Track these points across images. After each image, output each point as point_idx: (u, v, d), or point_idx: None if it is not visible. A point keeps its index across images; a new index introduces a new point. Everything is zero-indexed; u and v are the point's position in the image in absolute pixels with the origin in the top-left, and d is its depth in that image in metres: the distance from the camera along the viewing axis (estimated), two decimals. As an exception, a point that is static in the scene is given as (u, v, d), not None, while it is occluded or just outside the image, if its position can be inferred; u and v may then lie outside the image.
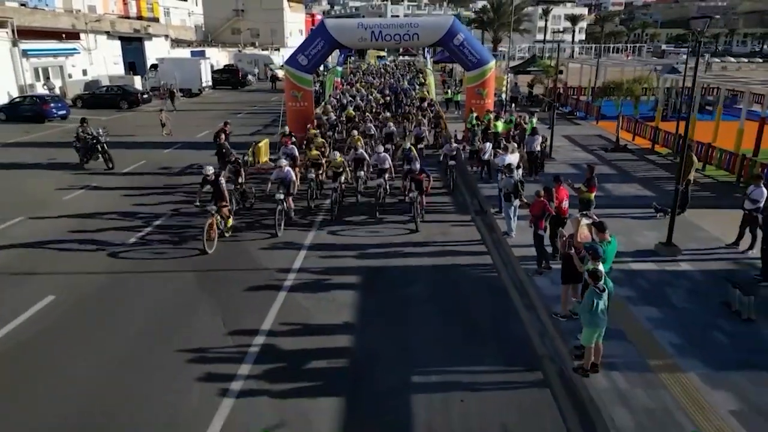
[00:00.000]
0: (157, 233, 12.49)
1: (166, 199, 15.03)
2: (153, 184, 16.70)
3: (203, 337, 8.17)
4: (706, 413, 6.27)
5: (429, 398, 6.74)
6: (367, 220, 13.51)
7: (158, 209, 14.15)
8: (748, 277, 9.65)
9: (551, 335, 8.06)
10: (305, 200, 14.28)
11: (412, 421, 6.37)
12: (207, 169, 11.63)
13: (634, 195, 15.29)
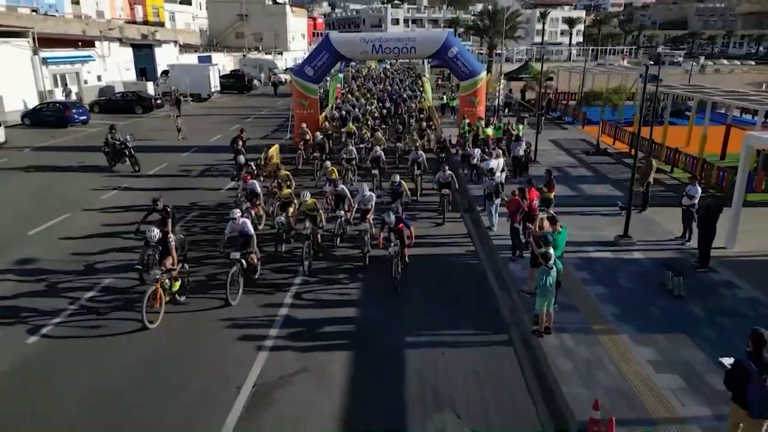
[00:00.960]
0: (184, 228, 14.43)
1: (191, 197, 16.99)
2: (177, 185, 18.67)
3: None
4: (629, 362, 8.21)
5: (419, 353, 8.69)
6: (349, 276, 11.62)
7: (187, 203, 16.15)
8: (688, 264, 11.60)
9: (518, 308, 10.01)
10: (278, 243, 12.75)
11: (406, 368, 8.32)
12: (151, 230, 9.88)
13: (606, 195, 17.23)
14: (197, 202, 16.64)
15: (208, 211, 15.89)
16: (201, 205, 16.37)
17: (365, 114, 26.95)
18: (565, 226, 9.78)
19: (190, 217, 15.30)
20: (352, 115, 26.45)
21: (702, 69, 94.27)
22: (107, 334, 9.31)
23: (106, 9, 77.20)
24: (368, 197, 12.97)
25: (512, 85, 39.81)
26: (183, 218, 15.07)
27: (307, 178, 19.00)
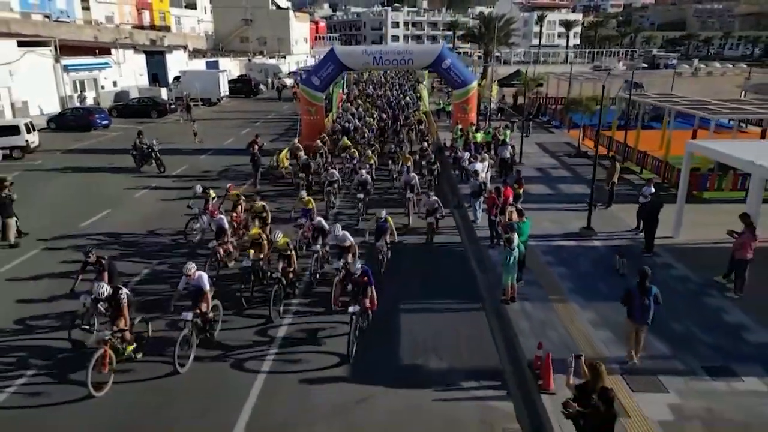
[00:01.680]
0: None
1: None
2: (201, 184, 20.98)
3: None
4: (573, 323, 10.52)
5: (411, 317, 11.02)
6: (323, 326, 10.65)
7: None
8: (637, 250, 13.91)
9: (492, 285, 12.32)
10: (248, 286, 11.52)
11: (400, 328, 10.64)
12: (100, 286, 8.86)
13: (580, 193, 19.46)
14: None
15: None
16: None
17: (361, 127, 26.92)
18: (528, 218, 12.13)
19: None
20: (352, 125, 27.15)
21: (696, 71, 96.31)
22: (50, 403, 8.40)
23: (115, 14, 79.58)
24: (342, 236, 11.93)
25: (505, 90, 42.10)
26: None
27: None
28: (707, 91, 62.19)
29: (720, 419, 7.81)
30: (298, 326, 10.69)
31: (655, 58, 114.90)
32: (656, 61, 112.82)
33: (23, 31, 52.29)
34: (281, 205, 17.61)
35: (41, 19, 66.12)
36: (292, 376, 9.10)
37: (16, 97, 34.02)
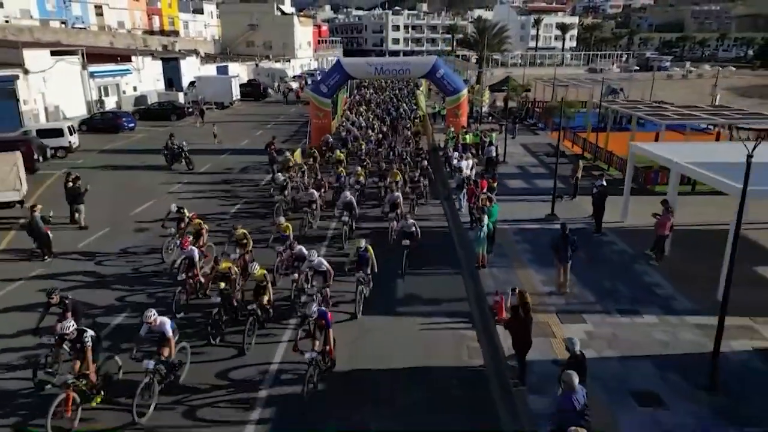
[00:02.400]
0: (245, 208, 20.03)
1: (236, 191, 22.62)
2: (226, 179, 24.32)
3: None
4: (530, 281, 13.80)
5: (405, 280, 14.32)
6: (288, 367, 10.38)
7: (238, 194, 21.77)
8: (589, 231, 17.18)
9: (469, 256, 15.61)
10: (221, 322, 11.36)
11: (398, 291, 13.94)
12: (64, 326, 8.83)
13: (551, 187, 22.75)
14: (241, 195, 22.20)
15: (252, 200, 21.47)
16: (245, 197, 21.92)
17: (356, 139, 27.37)
18: (496, 204, 15.41)
19: (236, 208, 20.81)
20: (352, 135, 28.01)
21: (686, 74, 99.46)
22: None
23: (126, 19, 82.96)
24: (317, 262, 12.01)
25: (496, 95, 45.39)
26: (233, 208, 20.68)
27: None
28: (691, 94, 65.43)
29: (619, 339, 11.13)
30: (261, 367, 10.37)
31: (648, 60, 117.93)
32: (650, 64, 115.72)
33: (44, 38, 55.72)
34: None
35: (59, 25, 69.59)
36: (251, 427, 8.87)
37: (49, 102, 37.32)
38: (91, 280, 14.17)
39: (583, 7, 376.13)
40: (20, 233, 16.47)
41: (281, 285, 13.40)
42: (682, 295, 12.99)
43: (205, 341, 11.02)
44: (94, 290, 13.50)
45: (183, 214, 15.41)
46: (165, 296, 12.99)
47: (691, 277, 13.71)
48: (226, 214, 19.50)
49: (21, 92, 34.99)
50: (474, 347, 11.11)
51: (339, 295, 13.00)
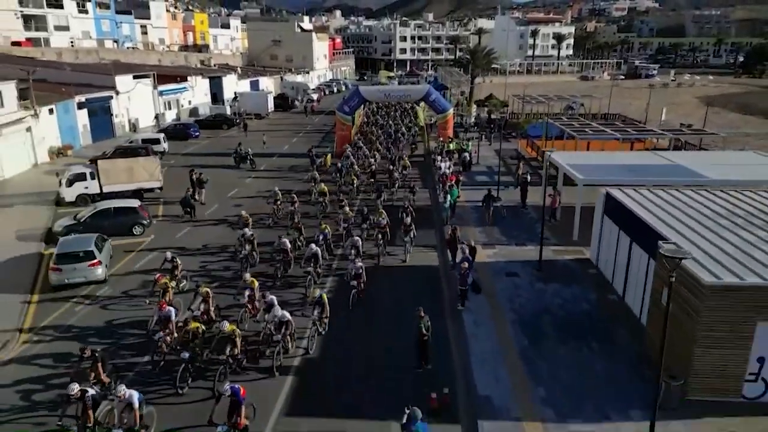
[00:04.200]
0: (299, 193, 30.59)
1: (290, 185, 33.18)
2: (282, 175, 34.92)
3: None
4: (474, 237, 24.28)
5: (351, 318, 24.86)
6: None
7: (296, 186, 32.36)
8: (519, 208, 27.59)
9: (439, 220, 26.07)
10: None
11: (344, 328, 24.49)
12: (71, 388, 10.77)
13: (504, 181, 33.13)
14: (294, 189, 32.75)
15: (302, 189, 31.97)
16: (296, 187, 32.45)
17: (350, 167, 31.35)
18: (455, 189, 25.93)
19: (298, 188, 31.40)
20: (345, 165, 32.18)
21: (669, 83, 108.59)
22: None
23: (166, 37, 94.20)
24: (281, 315, 14.26)
25: (481, 110, 55.70)
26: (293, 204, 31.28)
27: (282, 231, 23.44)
28: (661, 102, 74.42)
29: (509, 254, 21.58)
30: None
31: (637, 68, 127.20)
32: (638, 72, 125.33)
33: (107, 57, 66.74)
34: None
35: (112, 44, 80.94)
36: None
37: (131, 115, 48.24)
38: (218, 229, 24.84)
39: (589, 10, 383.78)
40: (167, 204, 27.22)
41: (249, 328, 15.86)
42: (554, 237, 23.36)
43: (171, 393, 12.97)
44: (215, 229, 24.16)
45: (175, 263, 17.71)
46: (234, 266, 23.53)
47: (563, 229, 24.11)
48: (288, 193, 30.06)
49: (114, 109, 46.01)
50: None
51: (300, 331, 15.61)
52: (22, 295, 18.03)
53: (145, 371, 14.00)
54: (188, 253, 21.83)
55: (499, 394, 12.98)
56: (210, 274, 20.02)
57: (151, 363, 14.07)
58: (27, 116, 35.00)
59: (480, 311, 17.08)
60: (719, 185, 20.69)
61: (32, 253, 21.53)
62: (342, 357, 14.90)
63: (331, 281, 19.65)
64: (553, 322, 16.43)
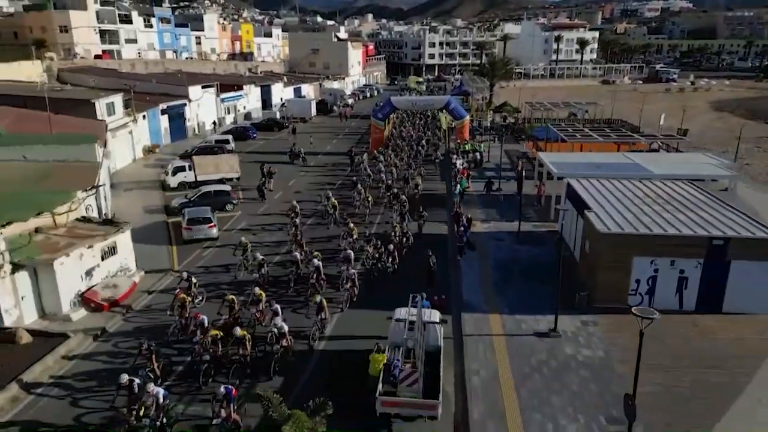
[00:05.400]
0: (344, 182, 38.99)
1: (335, 179, 41.61)
2: (327, 172, 43.47)
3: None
4: (473, 210, 32.30)
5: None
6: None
7: (338, 177, 40.80)
8: (516, 195, 35.45)
9: (451, 204, 34.14)
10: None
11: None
12: (122, 378, 13.99)
13: (507, 175, 40.88)
14: (339, 177, 41.19)
15: (345, 180, 40.28)
16: (341, 179, 40.85)
17: (364, 189, 33.31)
18: (464, 180, 33.93)
19: (338, 183, 39.83)
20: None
21: (685, 87, 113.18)
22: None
23: (217, 46, 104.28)
24: (280, 326, 16.84)
25: (497, 115, 63.29)
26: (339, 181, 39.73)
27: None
28: (673, 107, 79.82)
29: (498, 226, 29.53)
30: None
31: (658, 72, 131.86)
32: (659, 76, 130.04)
33: (170, 66, 76.58)
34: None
35: (172, 54, 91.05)
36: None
37: (200, 120, 57.59)
38: (269, 214, 33.43)
39: (621, 11, 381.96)
40: (244, 191, 36.02)
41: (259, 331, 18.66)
42: (537, 216, 31.17)
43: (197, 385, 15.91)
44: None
45: (192, 281, 20.17)
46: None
47: (544, 210, 31.88)
48: (333, 184, 38.50)
49: (186, 114, 55.43)
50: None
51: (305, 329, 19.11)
52: (165, 246, 26.93)
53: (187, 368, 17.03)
54: (267, 223, 30.56)
55: (476, 301, 21.07)
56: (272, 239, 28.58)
57: (191, 362, 16.80)
58: (129, 121, 44.44)
59: (472, 260, 25.12)
60: (657, 178, 28.16)
61: (160, 221, 30.51)
62: (379, 276, 23.06)
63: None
64: (519, 267, 24.34)
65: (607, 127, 48.69)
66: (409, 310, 16.42)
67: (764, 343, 18.17)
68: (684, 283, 20.01)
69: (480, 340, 18.48)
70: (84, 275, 20.47)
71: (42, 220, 20.91)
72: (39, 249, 19.66)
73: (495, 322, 19.68)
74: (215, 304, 19.96)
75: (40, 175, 24.76)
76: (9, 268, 18.29)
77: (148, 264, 24.25)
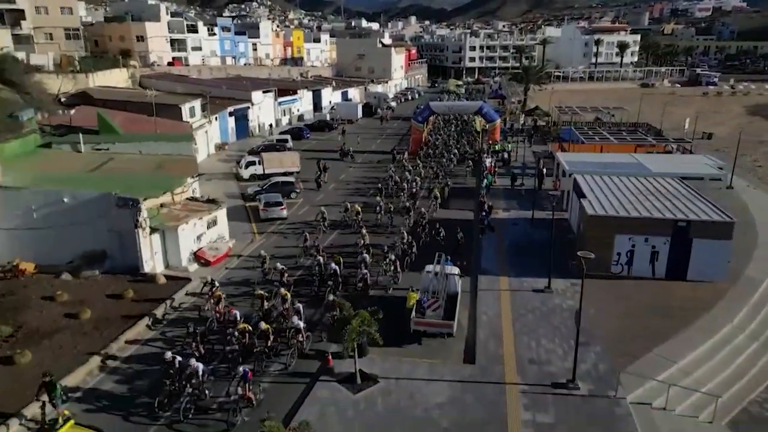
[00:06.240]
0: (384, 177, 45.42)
1: (379, 170, 48.07)
2: (374, 167, 49.97)
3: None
4: (499, 203, 38.07)
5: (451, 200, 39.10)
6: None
7: (382, 172, 47.22)
8: (535, 189, 41.03)
9: (477, 193, 39.98)
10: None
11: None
12: (166, 355, 16.67)
13: (530, 173, 46.30)
14: (383, 172, 47.57)
15: (386, 177, 46.62)
16: (383, 174, 47.18)
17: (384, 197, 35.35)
18: (491, 175, 39.74)
19: (383, 177, 46.26)
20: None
21: (722, 92, 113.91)
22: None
23: (270, 52, 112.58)
24: (297, 324, 19.64)
25: (528, 118, 68.35)
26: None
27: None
28: (706, 111, 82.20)
29: (516, 212, 35.26)
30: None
31: (699, 76, 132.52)
32: (700, 79, 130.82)
33: (231, 72, 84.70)
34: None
35: (231, 61, 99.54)
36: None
37: (260, 121, 65.18)
38: (332, 201, 40.03)
39: (671, 11, 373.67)
40: (303, 182, 42.94)
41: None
42: (552, 206, 36.59)
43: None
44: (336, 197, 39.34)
45: (214, 284, 22.39)
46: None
47: (559, 202, 37.25)
48: (378, 178, 44.85)
49: (250, 116, 63.09)
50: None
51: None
52: (247, 223, 33.99)
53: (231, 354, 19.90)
54: (328, 203, 37.30)
55: (490, 267, 27.03)
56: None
57: (231, 351, 19.74)
58: (205, 122, 52.16)
59: (491, 239, 31.01)
60: (652, 175, 33.23)
61: (239, 204, 37.67)
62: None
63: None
64: (530, 245, 30.05)
65: (625, 130, 53.25)
66: (434, 266, 22.58)
67: (711, 302, 23.40)
68: (656, 256, 25.38)
69: (490, 293, 24.47)
70: (196, 239, 27.57)
71: (164, 198, 28.11)
72: (164, 218, 26.81)
73: (503, 282, 25.62)
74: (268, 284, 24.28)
75: (154, 166, 32.19)
76: (148, 231, 25.47)
77: (236, 235, 31.25)
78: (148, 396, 17.33)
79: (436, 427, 16.17)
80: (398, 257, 26.68)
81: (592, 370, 18.76)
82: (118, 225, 25.26)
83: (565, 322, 21.85)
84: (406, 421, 16.44)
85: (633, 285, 25.19)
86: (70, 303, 22.45)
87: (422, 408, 16.91)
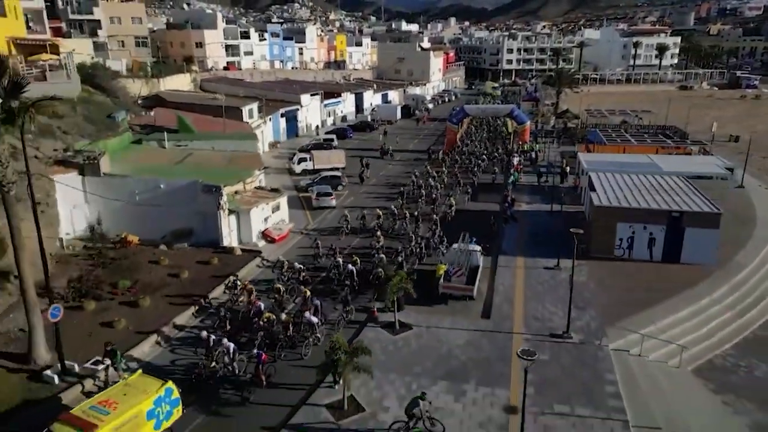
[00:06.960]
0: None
1: (415, 166, 53.04)
2: (411, 164, 55.03)
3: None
4: (522, 197, 42.49)
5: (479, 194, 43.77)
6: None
7: (417, 169, 52.19)
8: (558, 184, 45.26)
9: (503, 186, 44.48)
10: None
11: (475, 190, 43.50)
12: (202, 334, 19.21)
13: (555, 172, 50.38)
14: (418, 168, 52.51)
15: (421, 171, 51.51)
16: (420, 168, 52.14)
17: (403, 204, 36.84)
18: (516, 173, 44.20)
19: (419, 172, 51.22)
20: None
21: (759, 95, 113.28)
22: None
23: (315, 56, 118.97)
24: (309, 319, 21.65)
25: (558, 121, 71.94)
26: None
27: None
28: (743, 114, 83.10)
29: (536, 204, 39.70)
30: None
31: (739, 79, 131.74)
32: (739, 82, 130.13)
33: (280, 75, 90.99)
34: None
35: (278, 64, 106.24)
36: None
37: (308, 122, 71.14)
38: (367, 194, 45.23)
39: (718, 10, 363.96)
40: (348, 177, 48.36)
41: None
42: (571, 201, 40.81)
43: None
44: (377, 189, 44.52)
45: (238, 282, 25.27)
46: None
47: (577, 197, 41.44)
48: (412, 173, 49.75)
49: (299, 117, 69.12)
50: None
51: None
52: (302, 211, 39.62)
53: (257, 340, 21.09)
54: (370, 194, 42.56)
55: (510, 249, 31.70)
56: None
57: (258, 338, 21.46)
58: (261, 123, 58.31)
59: (513, 228, 35.61)
60: (663, 174, 37.05)
61: (294, 195, 43.36)
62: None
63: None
64: (546, 232, 34.46)
65: (650, 133, 56.52)
66: (459, 243, 27.53)
67: (698, 281, 27.42)
68: (653, 242, 29.54)
69: (507, 270, 29.20)
70: (263, 220, 33.28)
71: (238, 186, 33.92)
72: (239, 203, 32.59)
73: (519, 261, 30.29)
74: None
75: (226, 160, 38.15)
76: (227, 212, 31.28)
77: (294, 220, 36.87)
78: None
79: (456, 360, 21.12)
80: (407, 258, 29.14)
81: (585, 327, 23.31)
82: (203, 207, 31.12)
83: (567, 292, 26.34)
84: (433, 355, 21.45)
85: (633, 266, 29.43)
86: (170, 266, 28.40)
87: (446, 347, 21.89)
